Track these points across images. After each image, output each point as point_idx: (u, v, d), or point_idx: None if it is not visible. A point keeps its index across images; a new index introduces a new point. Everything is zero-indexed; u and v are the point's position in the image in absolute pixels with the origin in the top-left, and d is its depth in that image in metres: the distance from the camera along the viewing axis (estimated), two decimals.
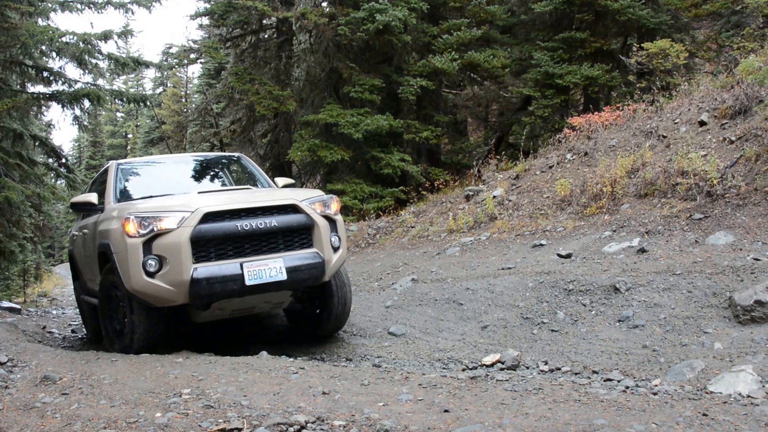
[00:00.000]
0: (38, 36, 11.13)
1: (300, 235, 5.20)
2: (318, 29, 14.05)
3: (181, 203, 5.02)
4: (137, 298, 4.86)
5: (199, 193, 5.53)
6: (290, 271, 4.95)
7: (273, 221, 4.99)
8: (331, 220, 5.40)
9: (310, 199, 5.36)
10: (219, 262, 4.81)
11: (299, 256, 5.08)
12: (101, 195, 5.97)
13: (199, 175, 6.80)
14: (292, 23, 14.68)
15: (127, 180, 6.19)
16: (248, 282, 4.78)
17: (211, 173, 6.91)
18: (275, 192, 5.83)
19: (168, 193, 5.80)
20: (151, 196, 5.60)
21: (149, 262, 4.72)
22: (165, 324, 5.15)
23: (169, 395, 3.52)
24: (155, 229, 4.74)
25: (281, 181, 6.40)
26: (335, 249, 5.36)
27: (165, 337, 5.25)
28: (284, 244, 5.10)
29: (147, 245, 4.73)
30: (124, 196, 5.87)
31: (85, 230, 6.44)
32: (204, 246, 4.79)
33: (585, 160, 9.79)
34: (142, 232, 4.74)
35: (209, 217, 4.81)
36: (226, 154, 7.68)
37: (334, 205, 5.52)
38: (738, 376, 3.75)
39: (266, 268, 4.87)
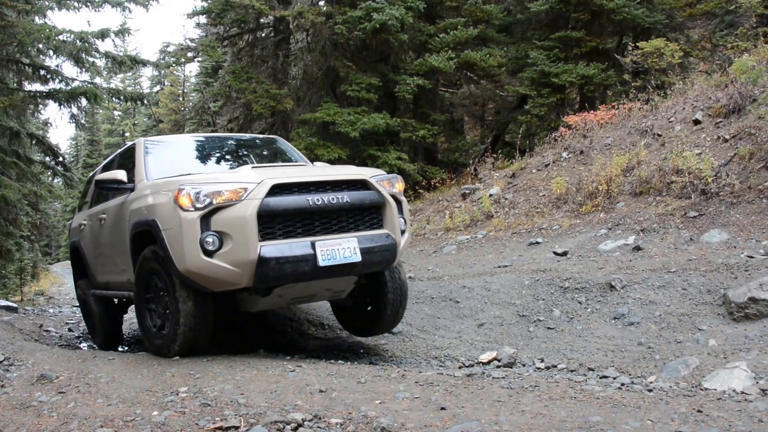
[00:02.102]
0: (35, 34, 11.10)
1: (371, 214, 4.73)
2: (315, 28, 14.04)
3: (241, 175, 4.46)
4: (191, 282, 4.30)
5: (252, 167, 4.90)
6: (364, 252, 4.48)
7: (345, 197, 4.50)
8: (397, 200, 4.96)
9: (378, 177, 4.89)
10: (287, 240, 4.28)
11: (372, 237, 4.61)
12: (129, 173, 5.35)
13: (236, 154, 6.16)
14: (289, 22, 14.67)
15: (158, 158, 5.51)
16: (321, 263, 4.28)
17: (250, 153, 6.26)
18: (339, 167, 5.31)
19: (209, 172, 5.23)
20: (189, 174, 4.94)
21: (208, 239, 4.15)
22: (212, 316, 4.61)
23: (166, 393, 3.52)
24: (214, 201, 4.18)
25: (320, 164, 5.90)
26: (402, 232, 4.91)
27: (210, 334, 4.70)
28: (354, 222, 4.63)
29: (205, 220, 4.17)
30: (159, 173, 5.18)
31: (103, 215, 5.86)
32: (269, 222, 4.25)
33: (581, 158, 9.83)
34: (199, 205, 4.17)
35: (277, 189, 4.30)
36: (262, 135, 7.05)
37: (399, 185, 5.08)
38: (732, 372, 3.78)
39: (340, 248, 4.39)
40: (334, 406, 3.20)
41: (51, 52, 12.38)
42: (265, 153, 6.33)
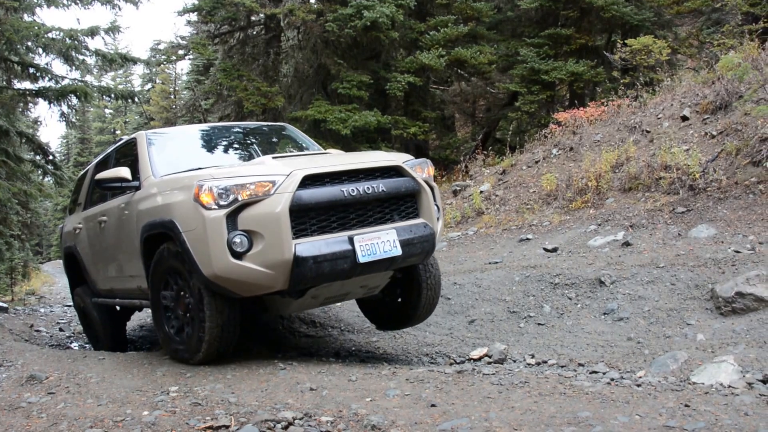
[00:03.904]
0: (23, 32, 10.98)
1: (406, 202, 4.41)
2: (306, 26, 14.02)
3: (267, 167, 4.03)
4: (218, 288, 3.93)
5: (274, 157, 4.42)
6: (404, 244, 4.15)
7: (380, 186, 4.14)
8: (430, 187, 4.60)
9: (409, 162, 4.51)
10: (323, 236, 3.93)
11: (410, 227, 4.28)
12: (133, 170, 4.89)
13: (246, 144, 5.71)
14: (280, 20, 14.63)
15: (163, 152, 5.06)
16: (361, 259, 3.95)
17: (260, 143, 5.79)
18: (367, 153, 4.96)
19: (221, 164, 4.80)
20: (199, 168, 4.44)
21: (236, 239, 3.76)
22: (239, 320, 4.26)
23: (157, 393, 3.51)
24: (239, 197, 3.79)
25: (334, 152, 5.43)
26: (437, 220, 4.57)
27: (237, 338, 4.35)
28: (391, 213, 4.30)
29: (231, 219, 3.79)
30: (167, 169, 4.74)
31: (103, 217, 5.42)
32: (302, 217, 3.89)
33: (570, 155, 9.87)
34: (223, 202, 3.78)
35: (307, 181, 3.91)
36: (270, 123, 6.57)
37: (430, 170, 4.70)
38: (720, 366, 3.82)
39: (379, 242, 4.05)
40: (324, 404, 3.21)
41: (40, 50, 12.24)
42: (275, 141, 5.92)
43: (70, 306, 11.09)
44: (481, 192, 10.09)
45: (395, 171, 4.35)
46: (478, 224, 9.13)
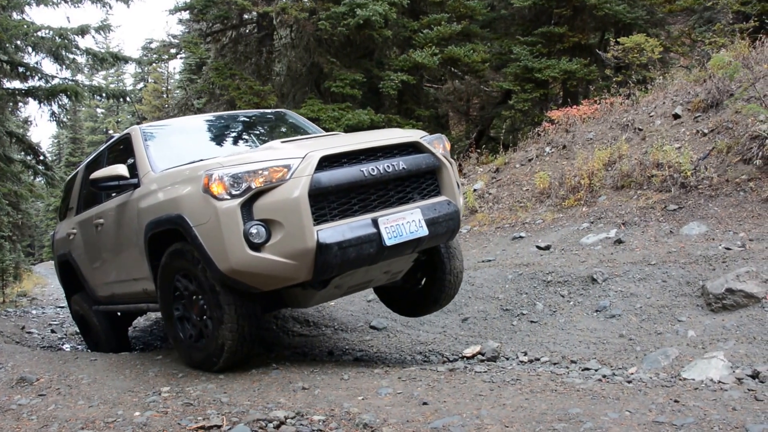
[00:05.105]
0: (12, 30, 10.90)
1: (427, 180, 4.21)
2: (298, 24, 14.01)
3: (279, 151, 3.79)
4: (236, 283, 3.68)
5: (283, 141, 4.18)
6: (429, 224, 3.95)
7: (400, 163, 3.93)
8: (449, 162, 4.39)
9: (426, 138, 4.30)
10: (345, 220, 3.71)
11: (433, 206, 4.08)
12: (129, 167, 4.64)
13: (248, 132, 5.47)
14: (272, 18, 14.60)
15: (161, 145, 4.81)
16: (387, 242, 3.74)
17: (262, 130, 5.55)
18: (380, 131, 4.68)
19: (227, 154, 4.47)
20: (202, 160, 4.14)
21: (252, 230, 3.51)
22: (260, 319, 4.04)
23: (149, 393, 3.51)
24: (253, 185, 3.54)
25: (340, 133, 5.23)
26: (459, 196, 4.39)
27: (258, 337, 4.11)
28: (412, 191, 4.11)
29: (245, 208, 3.55)
30: (167, 163, 4.46)
31: (99, 220, 5.16)
32: (321, 201, 3.65)
33: (563, 153, 9.91)
34: (235, 192, 3.54)
35: (324, 162, 3.68)
36: (269, 110, 6.27)
37: (447, 145, 4.50)
38: (710, 362, 3.85)
39: (404, 223, 3.85)
40: (316, 403, 3.21)
41: (30, 49, 12.14)
42: (278, 128, 5.70)
43: (62, 307, 11.04)
44: (475, 190, 10.11)
45: (413, 147, 4.15)
46: (471, 222, 9.15)
